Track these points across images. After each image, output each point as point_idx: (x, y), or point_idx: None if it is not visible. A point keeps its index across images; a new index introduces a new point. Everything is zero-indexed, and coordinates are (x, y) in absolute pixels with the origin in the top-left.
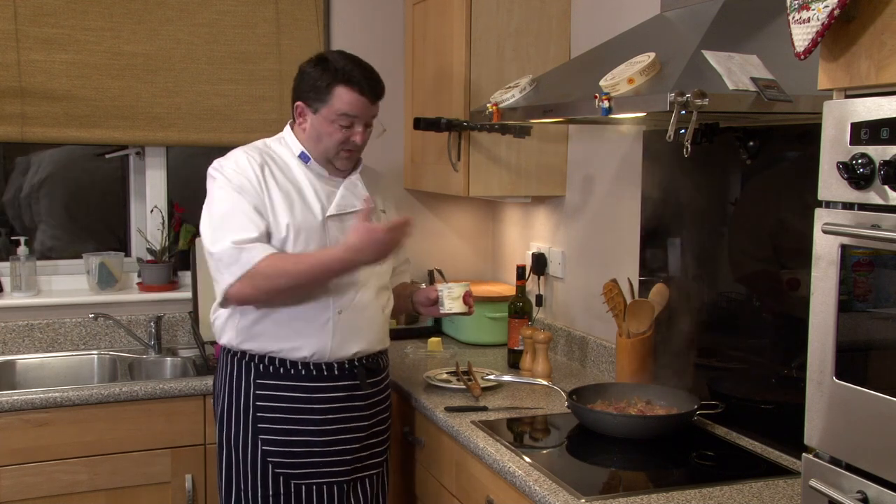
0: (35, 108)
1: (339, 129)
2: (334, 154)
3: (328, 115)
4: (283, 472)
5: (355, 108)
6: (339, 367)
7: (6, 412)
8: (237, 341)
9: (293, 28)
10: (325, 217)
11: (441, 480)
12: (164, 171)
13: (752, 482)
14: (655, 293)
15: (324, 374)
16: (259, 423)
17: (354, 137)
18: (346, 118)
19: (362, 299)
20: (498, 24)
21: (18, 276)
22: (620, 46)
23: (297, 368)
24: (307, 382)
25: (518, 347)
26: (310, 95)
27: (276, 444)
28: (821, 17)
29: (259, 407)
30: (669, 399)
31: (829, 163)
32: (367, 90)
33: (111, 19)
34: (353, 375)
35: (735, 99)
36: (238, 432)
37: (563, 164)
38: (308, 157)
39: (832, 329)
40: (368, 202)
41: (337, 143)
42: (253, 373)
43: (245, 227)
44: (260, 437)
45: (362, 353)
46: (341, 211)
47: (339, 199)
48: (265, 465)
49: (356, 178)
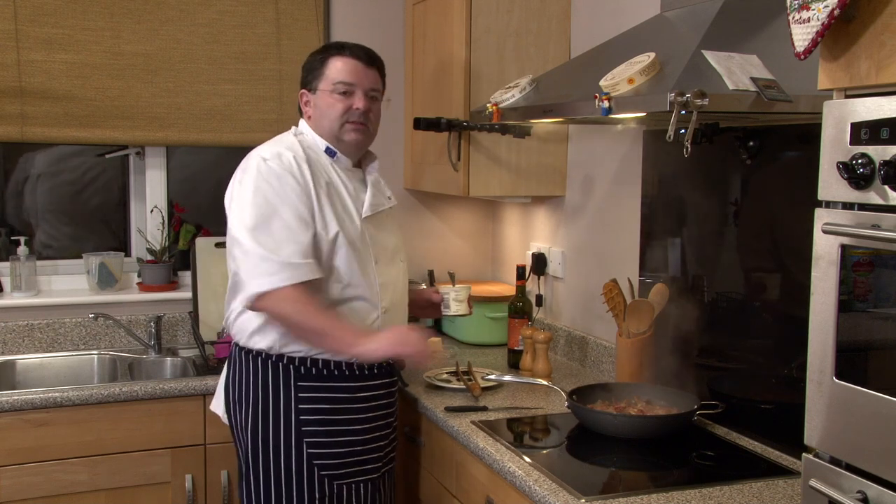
0: (35, 108)
1: (340, 99)
2: (339, 127)
3: (326, 87)
4: (328, 474)
5: (350, 74)
6: (378, 365)
7: (6, 412)
8: (279, 345)
9: (293, 28)
10: (362, 219)
11: (441, 480)
12: (164, 171)
13: (752, 482)
14: (655, 293)
15: (365, 373)
16: (303, 427)
17: (356, 104)
18: (342, 85)
19: (398, 298)
20: (498, 24)
21: (18, 276)
22: (620, 46)
23: (342, 369)
24: (351, 382)
25: (518, 347)
26: (308, 78)
27: (322, 447)
28: (821, 17)
29: (303, 410)
30: (669, 399)
31: (829, 163)
32: (358, 53)
33: (111, 19)
34: (391, 372)
35: (735, 99)
36: (279, 437)
37: (563, 164)
38: (334, 151)
39: (832, 329)
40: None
41: (340, 114)
42: (294, 376)
43: (292, 239)
44: (305, 441)
45: None
46: (375, 211)
47: (370, 197)
48: (311, 469)
49: (377, 175)
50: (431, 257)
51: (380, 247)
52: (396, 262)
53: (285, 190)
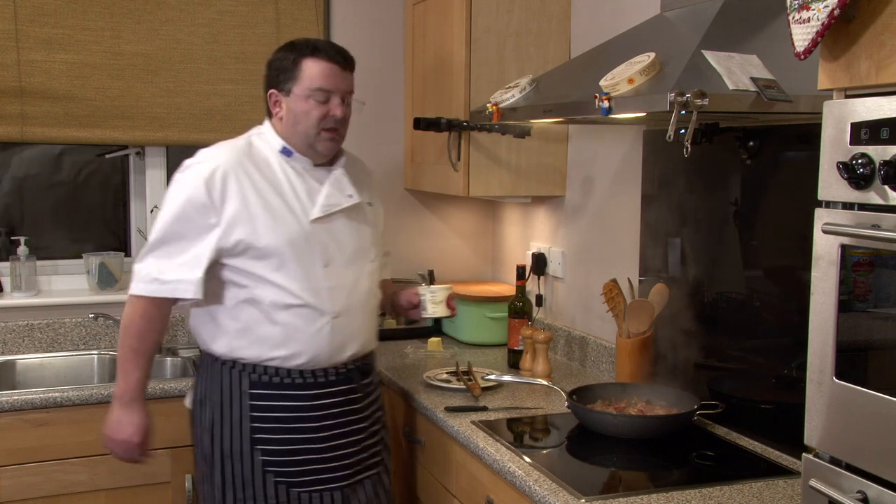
0: (35, 108)
1: (316, 105)
2: (315, 135)
3: (302, 92)
4: (283, 481)
5: (328, 80)
6: (335, 371)
7: (6, 412)
8: (229, 350)
9: (293, 28)
10: (309, 221)
11: (441, 480)
12: (164, 171)
13: (752, 482)
14: (655, 293)
15: (319, 380)
16: (256, 434)
17: (333, 111)
18: (320, 93)
19: (355, 302)
20: (498, 24)
21: (18, 276)
22: (620, 46)
23: (292, 376)
24: (303, 390)
25: (518, 347)
26: (279, 79)
27: (276, 454)
28: (821, 17)
29: (255, 417)
30: (669, 399)
31: (829, 163)
32: (335, 56)
33: (111, 19)
34: (349, 379)
35: (735, 99)
36: (233, 443)
37: (563, 164)
38: (290, 151)
39: (832, 329)
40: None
41: (316, 121)
42: (246, 382)
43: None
44: (257, 448)
45: (356, 355)
46: (327, 212)
47: (323, 198)
48: (264, 475)
49: (340, 172)
50: (431, 257)
51: (334, 249)
52: (359, 264)
53: (189, 213)
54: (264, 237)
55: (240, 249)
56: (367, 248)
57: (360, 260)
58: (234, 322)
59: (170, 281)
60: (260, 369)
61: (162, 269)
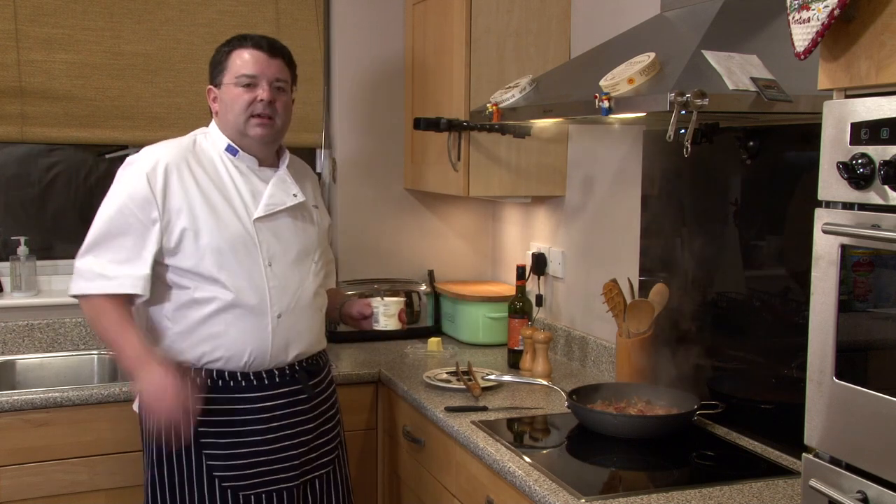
0: (35, 108)
1: (243, 92)
2: (244, 121)
3: (229, 80)
4: (230, 486)
5: (252, 66)
6: (280, 372)
7: (6, 412)
8: (171, 352)
9: (293, 28)
10: (253, 220)
11: (441, 480)
12: None
13: (752, 482)
14: (655, 293)
15: (264, 381)
16: (202, 438)
17: (260, 96)
18: (245, 78)
19: (301, 302)
20: (498, 24)
21: (18, 276)
22: (620, 46)
23: (237, 379)
24: (248, 393)
25: (518, 347)
26: (214, 73)
27: (222, 458)
28: (821, 17)
29: (200, 421)
30: (669, 399)
31: (829, 163)
32: (262, 44)
33: (111, 19)
34: (295, 380)
35: (735, 99)
36: (179, 447)
37: (563, 164)
38: (236, 149)
39: (832, 329)
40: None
41: (244, 107)
42: (189, 385)
43: (114, 258)
44: (204, 452)
45: (301, 355)
46: (270, 211)
47: (267, 198)
48: (211, 480)
49: (284, 172)
50: (431, 257)
51: (277, 248)
52: (304, 264)
53: (126, 213)
54: (206, 235)
55: (182, 247)
56: (311, 249)
57: (304, 260)
58: (176, 324)
59: (115, 277)
60: (204, 372)
61: (104, 266)
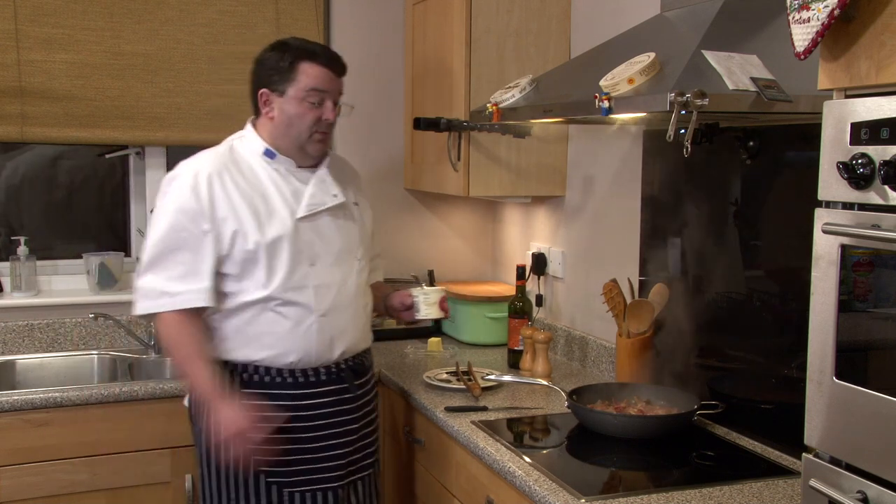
0: (35, 108)
1: (310, 108)
2: (307, 137)
3: (297, 94)
4: (275, 482)
5: (323, 82)
6: (326, 370)
7: (6, 412)
8: (220, 350)
9: (293, 28)
10: (294, 221)
11: (441, 480)
12: (164, 171)
13: (752, 482)
14: (655, 293)
15: (310, 379)
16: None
17: (326, 115)
18: (315, 94)
19: (343, 300)
20: (498, 24)
21: (18, 276)
22: (620, 46)
23: (283, 376)
24: (294, 390)
25: (518, 347)
26: (273, 79)
27: (268, 454)
28: (821, 17)
29: None
30: (669, 399)
31: (829, 163)
32: (331, 63)
33: (111, 19)
34: (341, 378)
35: (735, 99)
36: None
37: (563, 164)
38: (273, 153)
39: (832, 329)
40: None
41: (310, 124)
42: (238, 382)
43: (173, 274)
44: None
45: (347, 353)
46: (311, 211)
47: (308, 198)
48: (257, 476)
49: (324, 172)
50: (431, 257)
51: (320, 247)
52: (346, 263)
53: (178, 227)
54: (251, 237)
55: (233, 251)
56: (354, 247)
57: (347, 258)
58: (224, 325)
59: (178, 293)
60: (251, 369)
61: (165, 284)
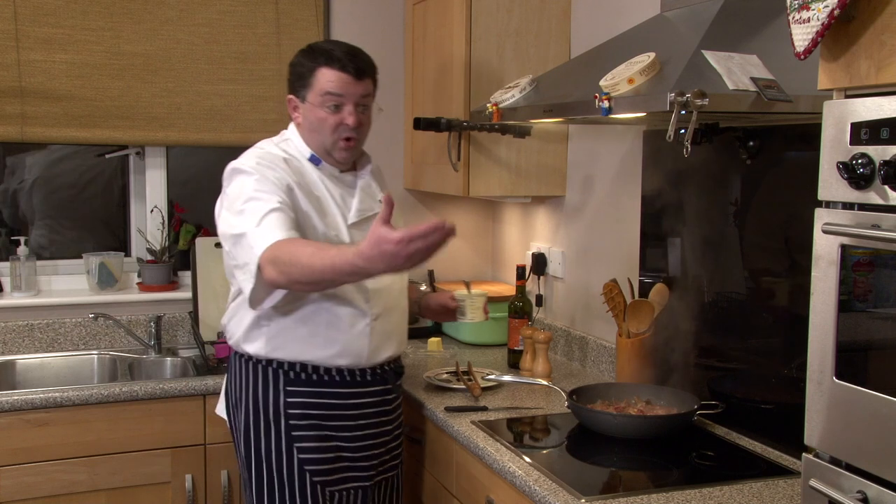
0: (35, 108)
1: (329, 113)
2: (332, 144)
3: (314, 100)
4: (320, 480)
5: (338, 86)
6: (372, 371)
7: (6, 412)
8: (266, 350)
9: (293, 28)
10: (347, 226)
11: (441, 480)
12: (164, 171)
13: (752, 482)
14: (655, 293)
15: (357, 380)
16: (293, 432)
17: (346, 120)
18: (331, 97)
19: (392, 303)
20: (498, 24)
21: (18, 276)
22: (620, 46)
23: (332, 375)
24: (341, 389)
25: (518, 347)
26: (297, 85)
27: (313, 452)
28: (821, 17)
29: (292, 415)
30: (669, 399)
31: (829, 163)
32: (348, 66)
33: (111, 19)
34: (385, 380)
35: (735, 99)
36: (270, 443)
37: (563, 164)
38: (319, 159)
39: (832, 329)
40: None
41: (331, 130)
42: (282, 381)
43: (270, 201)
44: (296, 446)
45: (392, 356)
46: (362, 216)
47: (357, 203)
48: (302, 475)
49: (369, 177)
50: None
51: None
52: None
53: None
54: (316, 227)
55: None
56: None
57: None
58: (275, 322)
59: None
60: (298, 367)
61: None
